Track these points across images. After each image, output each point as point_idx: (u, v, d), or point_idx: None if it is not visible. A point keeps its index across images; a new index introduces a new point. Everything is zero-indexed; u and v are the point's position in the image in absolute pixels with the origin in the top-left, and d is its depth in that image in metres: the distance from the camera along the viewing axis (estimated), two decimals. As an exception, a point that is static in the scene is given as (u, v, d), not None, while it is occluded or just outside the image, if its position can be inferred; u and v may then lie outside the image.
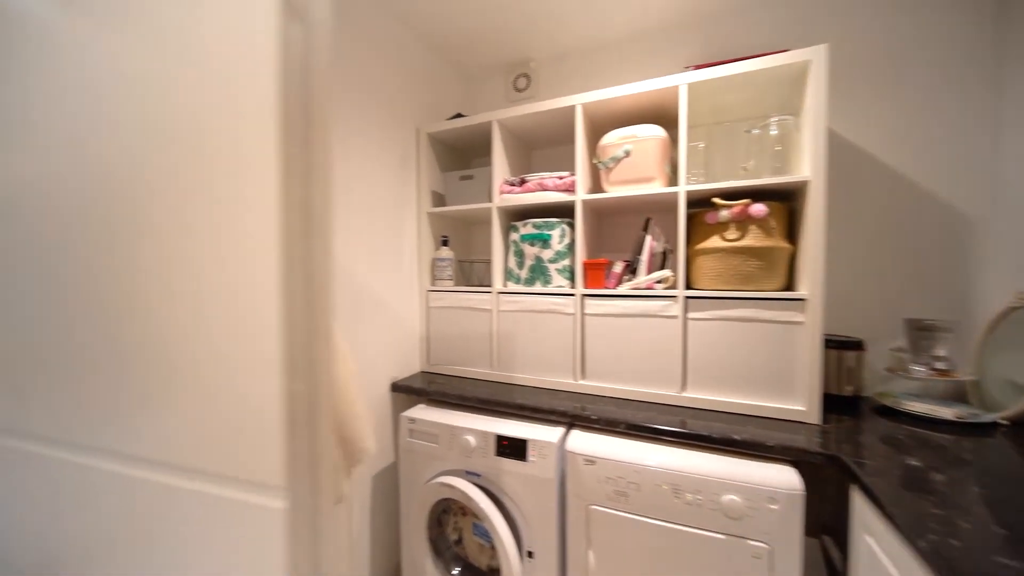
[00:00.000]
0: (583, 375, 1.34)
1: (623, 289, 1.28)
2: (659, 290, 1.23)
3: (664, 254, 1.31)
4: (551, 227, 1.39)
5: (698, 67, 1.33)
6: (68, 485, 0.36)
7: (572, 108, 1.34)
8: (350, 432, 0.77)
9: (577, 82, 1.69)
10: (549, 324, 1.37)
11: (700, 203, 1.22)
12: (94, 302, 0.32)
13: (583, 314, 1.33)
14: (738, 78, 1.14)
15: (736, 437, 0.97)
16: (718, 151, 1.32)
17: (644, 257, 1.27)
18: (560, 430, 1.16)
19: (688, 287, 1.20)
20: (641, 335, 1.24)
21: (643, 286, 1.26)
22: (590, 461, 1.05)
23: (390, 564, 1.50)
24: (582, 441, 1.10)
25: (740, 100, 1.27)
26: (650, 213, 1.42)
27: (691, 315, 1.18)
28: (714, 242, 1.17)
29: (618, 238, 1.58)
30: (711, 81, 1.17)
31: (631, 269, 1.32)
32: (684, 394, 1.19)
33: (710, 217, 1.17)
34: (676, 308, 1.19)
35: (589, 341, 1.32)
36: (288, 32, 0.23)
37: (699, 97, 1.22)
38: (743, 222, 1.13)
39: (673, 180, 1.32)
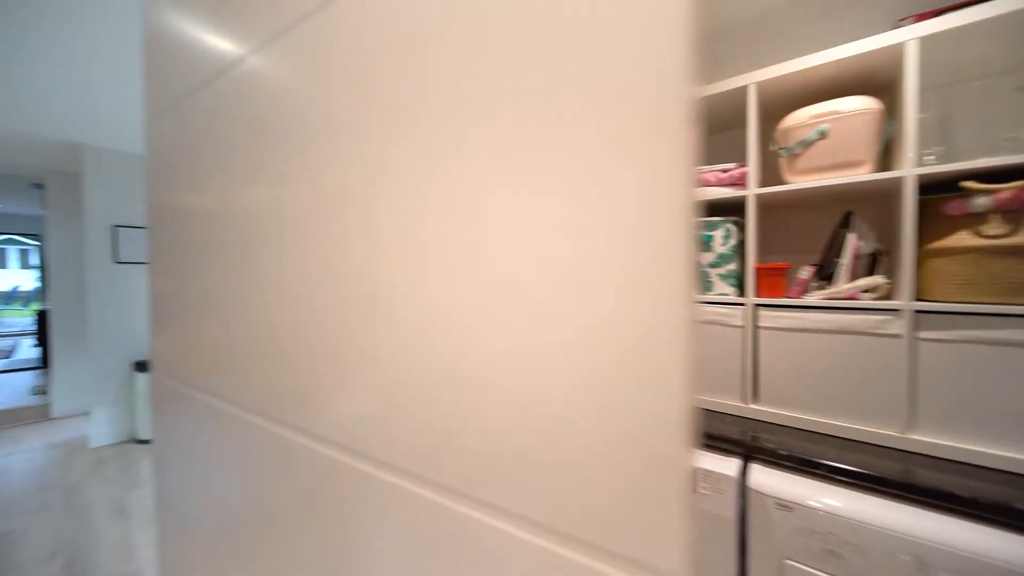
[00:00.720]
0: (755, 398, 1.15)
1: (812, 299, 1.06)
2: (865, 301, 0.99)
3: (873, 256, 1.05)
4: (713, 227, 1.23)
5: (920, 17, 1.05)
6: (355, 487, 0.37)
7: (742, 89, 1.16)
8: None
9: (736, 61, 1.48)
10: (710, 337, 1.21)
11: (932, 189, 0.95)
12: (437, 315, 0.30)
13: (756, 327, 1.14)
14: (1006, 19, 0.85)
15: (1021, 507, 0.71)
16: (960, 120, 1.01)
17: (846, 260, 1.03)
18: (735, 462, 1.00)
19: (917, 298, 0.94)
20: (841, 356, 1.01)
21: (843, 295, 1.02)
22: (785, 506, 0.88)
23: None
24: (769, 479, 0.92)
25: (993, 51, 0.96)
26: (847, 205, 1.16)
27: (923, 335, 0.92)
28: (961, 239, 0.89)
29: (796, 237, 1.33)
30: (954, 31, 0.89)
31: (823, 275, 1.09)
32: (911, 435, 0.93)
33: (954, 207, 0.90)
34: (899, 325, 0.93)
35: (764, 359, 1.13)
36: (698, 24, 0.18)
37: (930, 55, 0.95)
38: (1014, 212, 0.84)
39: (883, 162, 1.06)
